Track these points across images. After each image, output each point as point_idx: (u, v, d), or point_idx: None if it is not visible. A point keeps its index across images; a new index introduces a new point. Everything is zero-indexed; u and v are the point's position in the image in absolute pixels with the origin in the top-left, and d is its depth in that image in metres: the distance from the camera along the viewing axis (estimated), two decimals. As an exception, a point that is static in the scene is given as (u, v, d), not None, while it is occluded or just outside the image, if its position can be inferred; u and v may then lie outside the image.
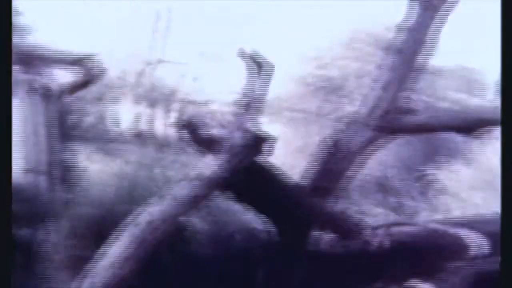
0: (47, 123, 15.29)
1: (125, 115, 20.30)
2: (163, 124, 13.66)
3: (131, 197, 12.85)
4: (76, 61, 5.20)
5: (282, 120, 18.65)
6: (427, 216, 15.22)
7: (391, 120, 7.04)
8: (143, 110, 20.38)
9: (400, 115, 7.14)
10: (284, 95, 22.30)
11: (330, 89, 18.68)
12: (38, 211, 11.97)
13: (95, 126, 18.95)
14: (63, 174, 13.58)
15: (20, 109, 13.73)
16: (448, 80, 18.64)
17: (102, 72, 5.33)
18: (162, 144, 16.08)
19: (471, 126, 7.46)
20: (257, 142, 6.03)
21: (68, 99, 18.73)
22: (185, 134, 6.02)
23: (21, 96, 14.20)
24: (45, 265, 10.20)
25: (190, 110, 6.01)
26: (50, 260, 10.25)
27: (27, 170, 13.67)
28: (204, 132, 6.06)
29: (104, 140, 17.07)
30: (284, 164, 18.22)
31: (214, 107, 20.21)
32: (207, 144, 6.10)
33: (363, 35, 20.35)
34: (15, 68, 16.30)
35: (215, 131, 6.10)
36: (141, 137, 18.66)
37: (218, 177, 5.82)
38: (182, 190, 5.93)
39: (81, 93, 20.27)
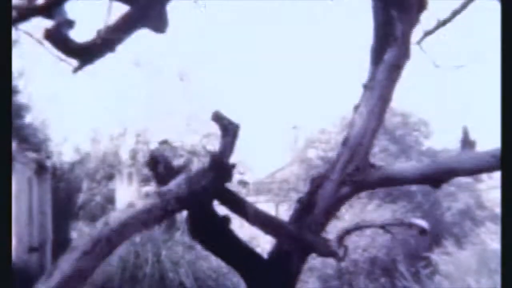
0: (54, 202, 15.40)
1: (133, 194, 20.41)
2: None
3: (135, 279, 12.81)
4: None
5: (289, 202, 18.71)
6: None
7: (356, 175, 7.18)
8: (151, 189, 20.50)
9: (364, 170, 7.26)
10: (291, 178, 22.45)
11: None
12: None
13: (103, 206, 19.04)
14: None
15: (27, 187, 13.87)
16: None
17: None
18: (170, 225, 16.10)
19: (438, 177, 7.52)
20: (216, 165, 6.15)
21: (76, 178, 18.90)
22: (149, 171, 6.10)
23: (29, 175, 14.35)
24: None
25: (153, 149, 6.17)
26: None
27: (32, 249, 13.71)
28: (164, 165, 6.15)
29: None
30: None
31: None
32: (169, 176, 6.20)
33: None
34: (24, 147, 16.52)
35: (175, 162, 6.16)
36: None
37: (176, 195, 5.82)
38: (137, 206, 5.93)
39: (90, 173, 20.47)
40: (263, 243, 11.93)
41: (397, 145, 19.05)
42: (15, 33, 6.30)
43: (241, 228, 7.74)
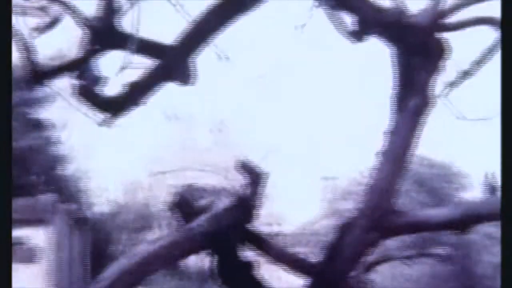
0: (93, 252, 15.49)
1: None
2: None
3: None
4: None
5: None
6: None
7: (382, 221, 7.19)
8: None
9: (389, 216, 7.28)
10: (321, 230, 22.21)
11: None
12: None
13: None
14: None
15: (57, 237, 13.97)
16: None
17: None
18: (203, 278, 16.11)
19: (464, 223, 7.49)
20: (242, 204, 6.18)
21: (114, 228, 19.00)
22: (176, 213, 6.14)
23: (59, 225, 14.45)
24: None
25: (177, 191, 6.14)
26: None
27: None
28: (193, 205, 6.18)
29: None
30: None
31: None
32: (194, 216, 6.24)
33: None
34: (54, 197, 16.56)
35: (202, 202, 6.23)
36: (181, 269, 18.67)
37: (202, 231, 5.87)
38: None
39: (128, 223, 20.54)
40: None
41: (434, 197, 19.00)
42: (54, 86, 6.50)
43: (279, 280, 7.77)
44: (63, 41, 6.54)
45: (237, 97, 25.46)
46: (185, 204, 6.28)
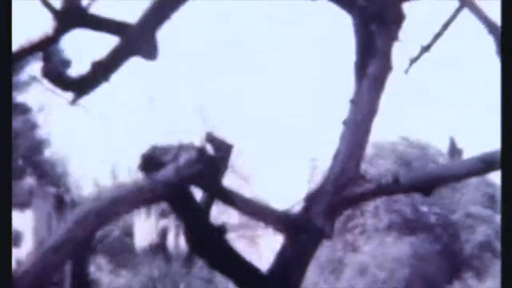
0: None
1: (151, 229, 20.41)
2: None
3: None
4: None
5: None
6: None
7: (347, 188, 7.39)
8: (170, 223, 20.51)
9: (354, 183, 7.48)
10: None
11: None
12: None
13: (122, 239, 19.07)
14: (86, 287, 13.62)
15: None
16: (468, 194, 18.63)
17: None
18: (188, 259, 16.09)
19: (427, 187, 7.72)
20: (203, 158, 6.54)
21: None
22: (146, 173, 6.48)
23: (48, 210, 14.41)
24: None
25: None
26: None
27: (51, 284, 13.73)
28: (159, 162, 6.49)
29: (129, 254, 17.13)
30: (309, 279, 18.09)
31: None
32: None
33: (387, 151, 20.56)
34: (43, 182, 16.64)
35: (168, 157, 6.55)
36: (166, 252, 18.66)
37: (165, 180, 6.19)
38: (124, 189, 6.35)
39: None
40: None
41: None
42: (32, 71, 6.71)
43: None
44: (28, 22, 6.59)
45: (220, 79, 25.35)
46: (152, 162, 6.54)
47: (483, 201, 18.21)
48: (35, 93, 16.92)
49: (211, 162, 6.57)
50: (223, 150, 6.62)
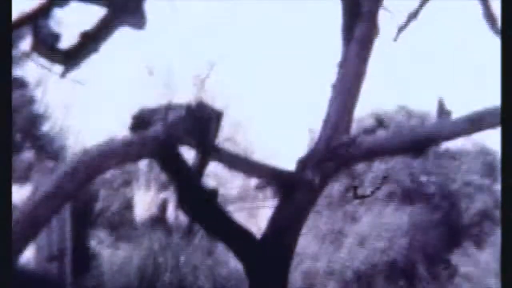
0: (73, 210, 15.44)
1: (151, 201, 20.43)
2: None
3: (153, 285, 12.84)
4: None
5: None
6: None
7: (338, 151, 7.47)
8: (170, 196, 20.52)
9: (344, 146, 7.57)
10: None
11: (347, 174, 18.76)
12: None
13: (121, 213, 19.09)
14: (86, 261, 13.65)
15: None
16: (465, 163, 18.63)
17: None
18: (188, 230, 16.10)
19: (417, 147, 7.79)
20: (192, 116, 6.66)
21: (93, 185, 18.93)
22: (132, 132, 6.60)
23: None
24: None
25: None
26: None
27: (52, 258, 13.77)
28: (149, 122, 6.59)
29: (129, 227, 17.16)
30: (309, 249, 18.15)
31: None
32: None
33: (387, 121, 20.54)
34: (42, 156, 16.62)
35: (158, 117, 6.67)
36: (165, 224, 18.70)
37: (154, 135, 6.29)
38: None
39: (108, 180, 20.52)
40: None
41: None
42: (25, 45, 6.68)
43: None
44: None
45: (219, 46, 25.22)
46: (142, 122, 6.64)
47: (482, 169, 18.22)
48: (32, 67, 16.90)
49: (198, 120, 6.69)
50: (213, 116, 6.76)
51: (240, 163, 7.45)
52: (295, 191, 7.39)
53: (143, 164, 20.50)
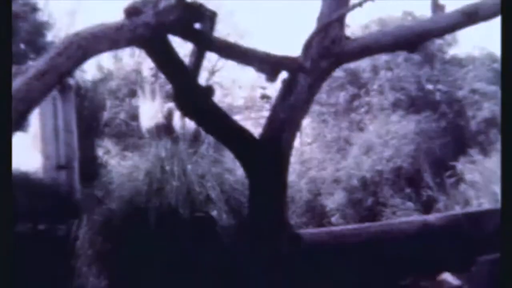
0: (79, 120, 15.46)
1: (157, 110, 20.43)
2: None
3: (162, 192, 12.95)
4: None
5: (312, 115, 18.70)
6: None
7: (332, 48, 7.55)
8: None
9: (338, 42, 7.65)
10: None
11: (353, 82, 18.69)
12: (70, 207, 12.12)
13: (127, 123, 19.12)
14: (94, 170, 13.73)
15: (52, 106, 13.89)
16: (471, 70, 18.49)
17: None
18: (195, 139, 16.14)
19: (411, 42, 7.86)
20: (183, 4, 6.83)
21: (99, 96, 18.92)
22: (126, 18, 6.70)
23: (53, 94, 14.37)
24: (78, 260, 10.35)
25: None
26: (82, 255, 10.40)
27: (60, 167, 13.86)
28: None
29: (135, 136, 17.21)
30: (315, 157, 18.25)
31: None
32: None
33: (392, 27, 20.26)
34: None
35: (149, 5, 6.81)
36: (172, 133, 18.74)
37: (145, 21, 6.44)
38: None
39: (113, 90, 20.48)
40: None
41: (420, 53, 18.80)
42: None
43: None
44: None
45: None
46: (134, 12, 6.76)
47: (489, 77, 18.08)
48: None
49: (189, 8, 6.82)
50: (206, 19, 6.88)
51: (235, 51, 7.53)
52: (293, 77, 7.50)
53: (148, 73, 20.43)
